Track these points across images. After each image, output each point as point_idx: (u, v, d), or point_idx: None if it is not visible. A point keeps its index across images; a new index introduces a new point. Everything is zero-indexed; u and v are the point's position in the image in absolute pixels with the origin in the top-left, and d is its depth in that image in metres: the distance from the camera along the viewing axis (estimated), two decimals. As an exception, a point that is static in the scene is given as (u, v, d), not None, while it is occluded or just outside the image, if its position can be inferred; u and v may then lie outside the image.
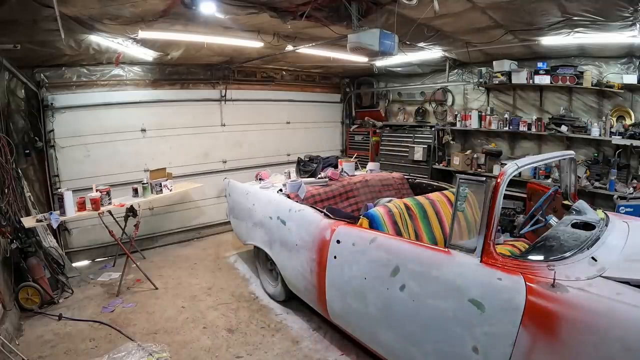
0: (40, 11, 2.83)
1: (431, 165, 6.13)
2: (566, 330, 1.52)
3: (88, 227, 4.77)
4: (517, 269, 1.78)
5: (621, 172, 4.40)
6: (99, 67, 4.83)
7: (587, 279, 1.67)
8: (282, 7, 3.35)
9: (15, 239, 3.51)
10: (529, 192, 3.21)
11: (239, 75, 6.08)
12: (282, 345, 2.95)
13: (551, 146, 5.13)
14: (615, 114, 4.53)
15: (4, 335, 2.74)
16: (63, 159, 4.68)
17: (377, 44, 3.20)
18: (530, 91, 5.25)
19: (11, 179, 3.66)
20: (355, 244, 2.52)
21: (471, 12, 3.48)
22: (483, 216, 1.88)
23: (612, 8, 3.16)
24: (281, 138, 6.64)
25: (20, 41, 3.40)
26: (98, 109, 4.82)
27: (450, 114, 6.14)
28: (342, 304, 2.61)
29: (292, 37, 4.29)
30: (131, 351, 2.80)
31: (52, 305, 3.60)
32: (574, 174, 2.89)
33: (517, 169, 2.02)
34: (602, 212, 2.53)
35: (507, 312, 1.69)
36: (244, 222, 3.89)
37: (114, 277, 4.24)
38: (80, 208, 3.82)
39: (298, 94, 6.87)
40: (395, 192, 3.86)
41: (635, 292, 1.54)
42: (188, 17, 3.41)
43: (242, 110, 6.11)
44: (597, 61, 4.60)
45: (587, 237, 2.06)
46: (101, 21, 3.37)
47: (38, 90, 4.44)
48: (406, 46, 4.68)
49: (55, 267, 3.95)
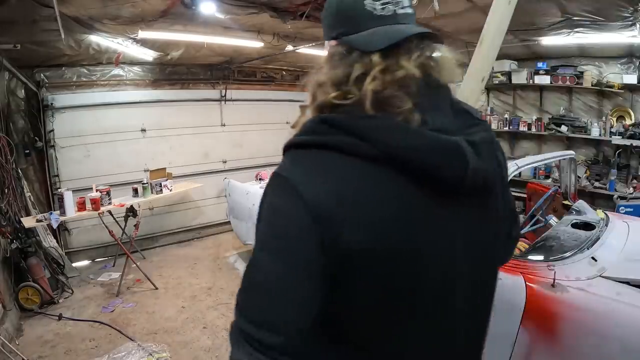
0: (40, 11, 2.83)
1: (431, 165, 6.12)
2: (566, 330, 1.52)
3: (88, 227, 4.76)
4: (517, 269, 1.77)
5: (621, 172, 4.40)
6: (99, 67, 4.82)
7: (587, 279, 1.67)
8: (282, 7, 3.35)
9: (15, 239, 3.51)
10: (529, 192, 3.21)
11: (239, 75, 6.08)
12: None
13: (551, 146, 5.12)
14: (615, 114, 4.53)
15: (4, 335, 2.74)
16: (63, 159, 4.67)
17: (377, 44, 3.20)
18: (530, 91, 5.25)
19: (11, 179, 3.65)
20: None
21: (471, 12, 3.48)
22: (483, 216, 1.87)
23: (612, 8, 3.16)
24: (281, 138, 6.44)
25: (20, 41, 3.39)
26: (98, 109, 4.81)
27: (450, 114, 6.14)
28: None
29: (292, 37, 4.29)
30: (131, 351, 2.80)
31: (52, 305, 3.59)
32: (574, 174, 2.89)
33: (517, 169, 2.02)
34: (602, 212, 2.53)
35: (507, 312, 1.69)
36: (244, 222, 3.89)
37: (114, 277, 4.24)
38: (80, 208, 3.81)
39: (298, 94, 6.85)
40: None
41: (635, 292, 1.54)
42: (188, 17, 3.41)
43: (242, 110, 6.11)
44: (597, 61, 4.60)
45: (587, 237, 2.06)
46: (101, 21, 3.37)
47: (38, 90, 4.44)
48: (406, 46, 4.68)
49: (55, 267, 3.95)
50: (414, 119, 0.61)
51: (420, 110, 0.62)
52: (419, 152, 0.59)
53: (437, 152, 0.60)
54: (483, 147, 0.65)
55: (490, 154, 0.69)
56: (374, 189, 0.60)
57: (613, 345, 1.41)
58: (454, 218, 0.65)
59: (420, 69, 0.63)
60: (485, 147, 0.67)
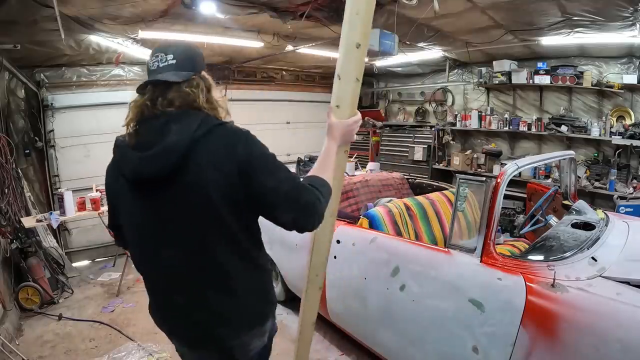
0: (40, 11, 2.84)
1: (431, 165, 6.13)
2: (566, 330, 1.51)
3: (88, 227, 4.76)
4: (517, 269, 1.78)
5: (621, 172, 4.40)
6: (99, 67, 4.83)
7: (587, 279, 1.67)
8: (282, 7, 3.35)
9: (15, 239, 3.51)
10: (529, 192, 3.20)
11: (239, 75, 6.09)
12: (282, 345, 2.95)
13: (551, 146, 5.13)
14: (615, 114, 4.53)
15: (4, 335, 2.74)
16: (63, 159, 4.67)
17: (377, 44, 3.21)
18: (530, 91, 5.25)
19: (11, 179, 3.66)
20: (355, 244, 2.52)
21: (471, 12, 3.49)
22: (483, 216, 1.88)
23: (612, 8, 3.16)
24: (281, 138, 6.63)
25: (20, 41, 3.40)
26: (98, 109, 4.81)
27: (450, 114, 6.14)
28: (342, 304, 2.61)
29: (292, 37, 4.29)
30: (131, 351, 2.80)
31: (52, 305, 3.59)
32: (574, 174, 2.89)
33: (517, 169, 2.02)
34: (602, 212, 2.53)
35: (507, 312, 1.69)
36: (244, 222, 3.89)
37: (114, 277, 4.24)
38: (80, 208, 3.82)
39: (298, 94, 6.87)
40: (395, 192, 3.86)
41: (635, 292, 1.54)
42: (188, 17, 3.41)
43: (242, 110, 6.10)
44: (597, 61, 4.60)
45: (587, 237, 2.06)
46: (101, 21, 3.37)
47: (38, 90, 4.44)
48: (406, 46, 4.69)
49: (55, 267, 3.95)
50: (131, 137, 1.09)
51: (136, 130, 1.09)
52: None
53: (124, 161, 1.11)
54: (155, 156, 1.03)
55: (157, 158, 1.03)
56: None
57: (613, 346, 1.41)
58: (138, 195, 1.10)
59: (149, 102, 1.07)
60: (157, 153, 1.03)
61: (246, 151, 1.05)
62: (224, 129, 1.08)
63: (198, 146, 1.02)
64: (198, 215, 1.05)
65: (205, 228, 1.06)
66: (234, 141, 1.06)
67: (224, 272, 1.11)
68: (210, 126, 1.05)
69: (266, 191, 1.04)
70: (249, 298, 1.16)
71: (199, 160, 1.02)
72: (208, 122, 1.06)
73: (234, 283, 1.13)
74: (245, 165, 1.03)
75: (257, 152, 1.08)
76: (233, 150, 1.04)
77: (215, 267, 1.10)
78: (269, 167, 1.07)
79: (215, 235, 1.07)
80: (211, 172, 1.02)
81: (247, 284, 1.15)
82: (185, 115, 1.05)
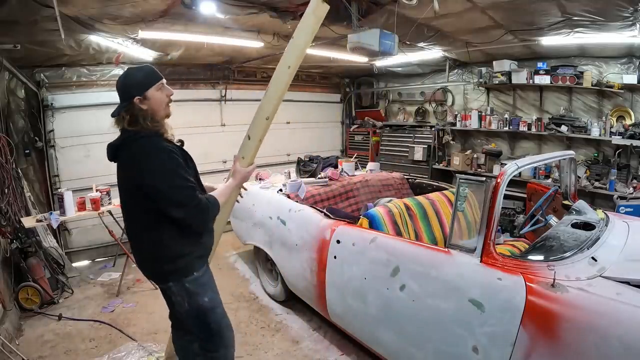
0: (40, 11, 2.83)
1: (431, 165, 6.13)
2: (566, 330, 1.52)
3: (88, 227, 4.76)
4: (517, 269, 1.78)
5: (621, 172, 4.40)
6: (99, 67, 4.82)
7: (587, 279, 1.67)
8: (282, 7, 3.35)
9: (15, 239, 3.51)
10: (529, 192, 3.20)
11: (239, 75, 6.08)
12: (282, 345, 2.96)
13: (551, 146, 5.13)
14: (615, 114, 4.53)
15: (4, 335, 2.74)
16: (63, 159, 4.67)
17: (377, 44, 3.21)
18: (530, 91, 5.25)
19: (11, 179, 3.66)
20: (355, 244, 2.52)
21: (471, 12, 3.48)
22: (483, 216, 1.88)
23: (612, 8, 3.16)
24: (281, 138, 6.63)
25: (20, 41, 3.40)
26: (98, 109, 4.80)
27: (450, 114, 6.14)
28: (342, 304, 2.62)
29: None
30: (131, 351, 2.80)
31: (52, 305, 3.59)
32: (574, 174, 2.89)
33: (517, 169, 2.02)
34: (602, 212, 2.53)
35: (507, 312, 1.69)
36: (243, 222, 3.89)
37: (114, 277, 4.24)
38: (80, 208, 3.82)
39: (298, 94, 6.86)
40: (395, 192, 3.86)
41: (635, 292, 1.54)
42: (188, 17, 3.41)
43: (242, 110, 6.09)
44: (597, 61, 4.60)
45: (587, 237, 2.06)
46: (101, 21, 3.37)
47: (38, 90, 4.44)
48: (406, 46, 4.69)
49: (55, 267, 3.95)
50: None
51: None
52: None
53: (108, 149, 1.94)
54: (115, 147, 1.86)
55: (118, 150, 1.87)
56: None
57: (613, 345, 1.41)
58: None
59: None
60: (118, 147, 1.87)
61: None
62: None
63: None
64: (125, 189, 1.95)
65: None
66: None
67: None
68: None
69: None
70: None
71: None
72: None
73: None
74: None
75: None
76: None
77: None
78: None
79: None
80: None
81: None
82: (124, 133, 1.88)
